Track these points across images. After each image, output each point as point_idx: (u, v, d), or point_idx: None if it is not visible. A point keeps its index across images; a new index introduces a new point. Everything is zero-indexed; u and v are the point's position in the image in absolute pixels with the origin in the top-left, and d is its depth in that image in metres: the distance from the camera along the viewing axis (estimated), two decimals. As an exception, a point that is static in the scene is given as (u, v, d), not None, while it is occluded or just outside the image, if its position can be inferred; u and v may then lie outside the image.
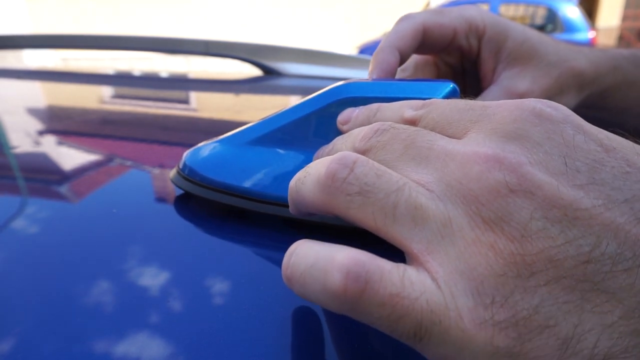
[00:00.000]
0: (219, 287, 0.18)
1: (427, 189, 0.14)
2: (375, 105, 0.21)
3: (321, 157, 0.21)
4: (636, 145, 0.13)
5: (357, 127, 0.20)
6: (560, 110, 0.14)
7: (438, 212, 0.13)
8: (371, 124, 0.19)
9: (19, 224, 0.24)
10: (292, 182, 0.17)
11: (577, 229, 0.12)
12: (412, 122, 0.18)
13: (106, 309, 0.17)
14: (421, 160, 0.15)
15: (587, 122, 0.14)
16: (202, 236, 0.23)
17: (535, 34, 0.32)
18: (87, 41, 0.91)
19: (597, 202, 0.12)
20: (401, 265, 0.13)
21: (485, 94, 0.31)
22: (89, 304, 0.17)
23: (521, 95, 0.30)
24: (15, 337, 0.15)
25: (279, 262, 0.20)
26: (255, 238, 0.23)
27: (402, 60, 0.30)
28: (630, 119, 0.37)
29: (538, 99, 0.15)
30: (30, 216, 0.24)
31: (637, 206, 0.12)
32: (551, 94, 0.31)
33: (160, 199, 0.27)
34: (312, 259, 0.13)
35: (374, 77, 0.29)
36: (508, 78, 0.31)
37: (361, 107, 0.21)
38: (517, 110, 0.15)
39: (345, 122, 0.21)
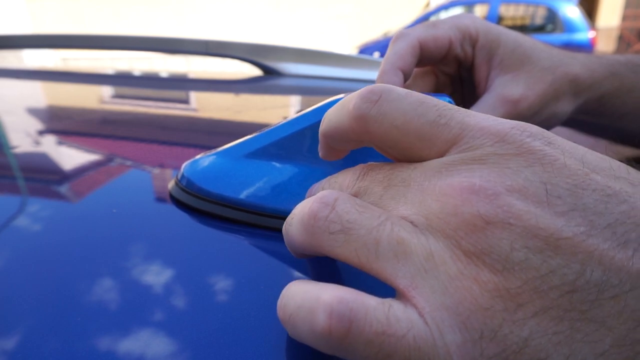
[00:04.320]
0: (219, 286, 0.18)
1: (410, 222, 0.14)
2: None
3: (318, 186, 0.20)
4: (615, 168, 0.13)
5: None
6: (539, 135, 0.14)
7: (420, 246, 0.13)
8: (322, 133, 0.18)
9: (19, 223, 0.24)
10: (284, 225, 0.17)
11: (560, 257, 0.11)
12: (363, 121, 0.15)
13: (105, 309, 0.17)
14: (400, 198, 0.15)
15: (568, 143, 0.14)
16: (202, 236, 0.23)
17: (528, 40, 0.32)
18: (87, 41, 0.91)
19: (579, 230, 0.12)
20: (387, 301, 0.13)
21: (481, 101, 0.31)
22: (89, 303, 0.17)
23: (516, 101, 0.30)
24: (15, 336, 0.15)
25: (278, 262, 0.20)
26: (255, 238, 0.23)
27: (405, 78, 0.30)
28: (629, 125, 0.37)
29: (518, 123, 0.14)
30: (30, 216, 0.24)
31: (619, 230, 0.11)
32: (546, 100, 0.31)
33: (160, 199, 0.27)
34: (300, 300, 0.13)
35: None
36: (502, 85, 0.31)
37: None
38: (496, 136, 0.14)
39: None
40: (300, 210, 0.15)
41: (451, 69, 0.35)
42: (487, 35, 0.32)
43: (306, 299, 0.13)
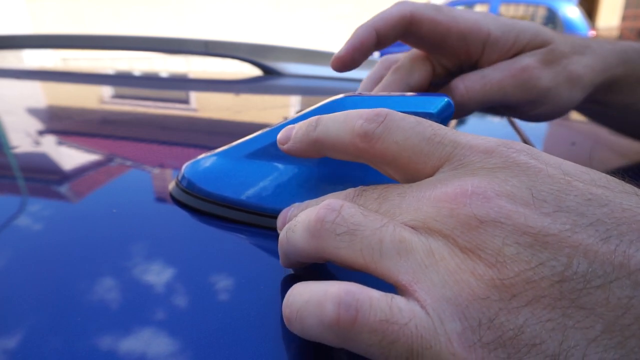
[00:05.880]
0: (219, 286, 0.18)
1: (409, 226, 0.15)
2: (314, 118, 0.19)
3: (295, 210, 0.21)
4: (596, 179, 0.14)
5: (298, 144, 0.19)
6: (524, 151, 0.15)
7: (420, 244, 0.14)
8: (313, 137, 0.19)
9: (19, 223, 0.24)
10: (282, 233, 0.18)
11: (548, 251, 0.13)
12: (367, 139, 0.17)
13: (106, 309, 0.17)
14: (395, 209, 0.16)
15: (551, 157, 0.15)
16: (202, 236, 0.23)
17: (545, 28, 0.32)
18: (87, 41, 0.91)
19: (564, 227, 0.13)
20: (390, 294, 0.13)
21: (496, 66, 0.31)
22: (89, 303, 0.17)
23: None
24: (15, 336, 0.15)
25: (278, 262, 0.21)
26: (255, 238, 0.23)
27: (379, 42, 0.29)
28: (632, 116, 0.36)
29: (505, 141, 0.16)
30: (30, 216, 0.25)
31: (601, 228, 0.13)
32: (569, 80, 0.31)
33: (161, 200, 0.27)
34: (307, 295, 0.14)
35: (343, 51, 0.29)
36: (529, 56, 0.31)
37: (299, 122, 0.20)
38: (484, 153, 0.15)
39: (286, 141, 0.20)
40: (306, 217, 0.16)
41: (450, 63, 0.33)
42: (501, 28, 0.31)
43: (314, 294, 0.14)
